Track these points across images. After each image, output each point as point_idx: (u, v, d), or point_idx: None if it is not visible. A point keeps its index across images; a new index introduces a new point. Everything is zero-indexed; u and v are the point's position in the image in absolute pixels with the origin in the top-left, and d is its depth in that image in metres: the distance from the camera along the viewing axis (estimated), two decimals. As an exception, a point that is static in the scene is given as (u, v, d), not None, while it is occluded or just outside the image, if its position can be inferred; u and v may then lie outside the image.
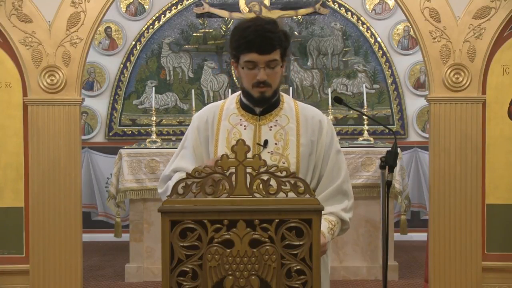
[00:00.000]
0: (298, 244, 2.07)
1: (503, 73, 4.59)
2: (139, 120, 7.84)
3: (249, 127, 2.65)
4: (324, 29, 7.78)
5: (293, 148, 2.61)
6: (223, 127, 2.66)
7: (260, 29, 2.50)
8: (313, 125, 2.67)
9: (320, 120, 2.69)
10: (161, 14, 7.80)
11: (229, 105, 2.72)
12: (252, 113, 2.66)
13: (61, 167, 4.59)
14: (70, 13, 4.58)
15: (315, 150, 2.65)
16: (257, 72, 2.52)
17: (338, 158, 2.69)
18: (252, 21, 2.57)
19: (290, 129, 2.64)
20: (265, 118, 2.66)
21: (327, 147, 2.67)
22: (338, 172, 2.68)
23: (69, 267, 4.60)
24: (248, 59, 2.52)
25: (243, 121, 2.66)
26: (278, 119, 2.66)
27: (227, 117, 2.68)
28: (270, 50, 2.51)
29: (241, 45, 2.53)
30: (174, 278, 2.07)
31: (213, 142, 2.65)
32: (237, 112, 2.68)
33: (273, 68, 2.54)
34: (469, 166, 4.55)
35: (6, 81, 4.61)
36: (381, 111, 7.75)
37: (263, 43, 2.49)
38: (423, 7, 4.55)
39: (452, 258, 4.56)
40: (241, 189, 2.10)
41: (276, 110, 2.67)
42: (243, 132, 2.63)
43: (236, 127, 2.65)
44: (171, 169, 2.69)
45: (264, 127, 2.64)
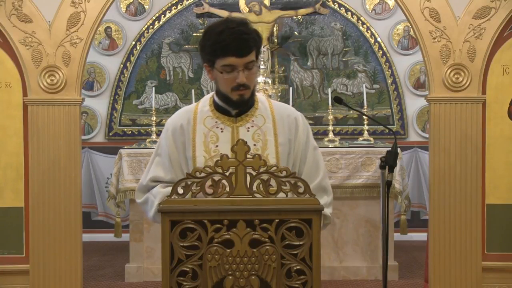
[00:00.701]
0: (298, 244, 2.07)
1: (503, 73, 4.59)
2: (139, 120, 7.84)
3: (226, 129, 2.62)
4: (324, 29, 7.78)
5: (272, 148, 2.60)
6: (199, 131, 2.62)
7: (235, 32, 2.47)
8: (289, 123, 2.66)
9: (295, 117, 2.68)
10: (161, 14, 7.80)
11: (202, 107, 2.68)
12: (228, 115, 2.63)
13: (61, 167, 4.59)
14: (70, 13, 4.58)
15: (293, 148, 2.64)
16: (236, 75, 2.50)
17: (315, 155, 2.69)
18: (224, 23, 2.53)
19: (267, 129, 2.62)
20: (241, 120, 2.63)
21: (304, 145, 2.66)
22: (317, 169, 2.66)
23: (69, 267, 4.60)
24: (227, 63, 2.49)
25: (219, 123, 2.63)
26: (254, 120, 2.63)
27: (202, 120, 2.64)
28: (248, 52, 2.49)
29: (217, 49, 2.49)
30: (174, 278, 2.07)
31: (190, 147, 2.61)
32: (212, 115, 2.64)
33: (250, 69, 2.52)
34: (469, 166, 4.55)
35: (6, 81, 4.61)
36: (381, 111, 7.75)
37: (240, 46, 2.47)
38: (423, 7, 4.55)
39: (452, 258, 4.56)
40: (241, 189, 2.10)
41: (252, 111, 2.65)
42: (220, 135, 2.60)
43: (212, 130, 2.62)
44: (149, 178, 2.65)
45: (242, 129, 2.62)
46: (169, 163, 2.63)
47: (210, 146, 2.59)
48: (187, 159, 2.61)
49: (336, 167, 5.95)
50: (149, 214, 2.65)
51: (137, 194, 2.71)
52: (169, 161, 2.63)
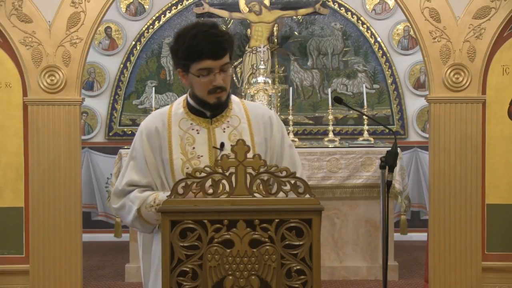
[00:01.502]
0: (298, 244, 2.07)
1: (503, 73, 4.59)
2: (139, 120, 7.83)
3: (202, 130, 2.61)
4: (324, 29, 7.78)
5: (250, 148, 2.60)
6: (174, 134, 2.61)
7: (209, 35, 2.47)
8: (264, 122, 2.66)
9: (269, 116, 2.69)
10: (161, 14, 7.80)
11: (176, 110, 2.66)
12: (203, 117, 2.63)
13: (61, 167, 4.59)
14: (70, 13, 4.58)
15: (269, 147, 2.65)
16: (213, 78, 2.50)
17: (291, 152, 2.70)
18: (195, 27, 2.52)
19: (243, 129, 2.62)
20: (217, 121, 2.62)
21: (280, 143, 2.67)
22: (294, 167, 2.65)
23: (69, 267, 4.60)
24: (203, 67, 2.48)
25: (195, 125, 2.62)
26: (229, 120, 2.63)
27: (177, 122, 2.63)
28: (223, 54, 2.49)
29: (191, 53, 2.48)
30: (174, 278, 2.07)
31: (166, 150, 2.59)
32: (187, 117, 2.63)
33: (226, 72, 2.53)
34: (469, 166, 4.55)
35: (6, 81, 4.61)
36: (381, 111, 7.75)
37: (215, 49, 2.47)
38: (423, 7, 4.55)
39: (452, 258, 4.56)
40: (241, 189, 2.10)
41: (226, 111, 2.65)
42: (196, 137, 2.59)
43: (188, 132, 2.60)
44: (124, 183, 2.62)
45: (218, 130, 2.61)
46: (145, 167, 2.60)
47: (187, 148, 2.57)
48: (163, 162, 2.59)
49: (336, 167, 5.95)
50: (127, 219, 2.61)
51: (113, 199, 2.67)
52: (145, 164, 2.61)
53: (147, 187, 2.59)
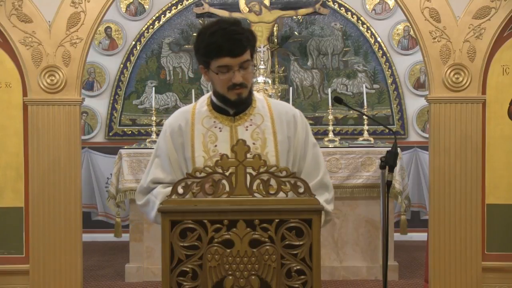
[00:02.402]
0: (298, 244, 2.07)
1: (503, 73, 4.59)
2: (139, 120, 7.84)
3: (225, 128, 2.62)
4: (324, 29, 7.78)
5: (271, 146, 2.60)
6: (197, 131, 2.62)
7: (228, 32, 2.47)
8: (288, 121, 2.65)
9: (293, 115, 2.68)
10: (161, 14, 7.80)
11: (200, 108, 2.68)
12: (226, 114, 2.63)
13: (61, 167, 4.59)
14: (70, 13, 4.58)
15: (292, 145, 2.64)
16: (232, 75, 2.50)
17: (315, 151, 2.68)
18: (216, 24, 2.53)
19: (266, 127, 2.62)
20: (240, 119, 2.63)
21: (304, 142, 2.66)
22: (317, 166, 2.65)
23: (69, 267, 4.60)
24: (222, 64, 2.49)
25: (218, 123, 2.63)
26: (252, 118, 2.64)
27: (200, 120, 2.64)
28: (242, 52, 2.49)
29: (211, 50, 2.49)
30: (174, 278, 2.07)
31: (189, 148, 2.61)
32: (210, 115, 2.64)
33: (246, 69, 2.52)
34: (469, 166, 4.55)
35: (6, 81, 4.61)
36: (381, 111, 7.75)
37: (234, 46, 2.47)
38: (423, 7, 4.55)
39: (452, 258, 4.56)
40: (241, 189, 2.10)
41: (250, 109, 2.65)
42: (218, 135, 2.60)
43: (211, 130, 2.62)
44: (149, 180, 2.64)
45: (240, 128, 2.62)
46: (169, 165, 2.63)
47: (209, 146, 2.59)
48: (186, 160, 2.61)
49: (336, 167, 5.95)
50: (151, 215, 2.64)
51: (138, 196, 2.70)
52: (169, 162, 2.63)
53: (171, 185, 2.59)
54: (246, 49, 2.50)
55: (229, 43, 2.46)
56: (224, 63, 2.49)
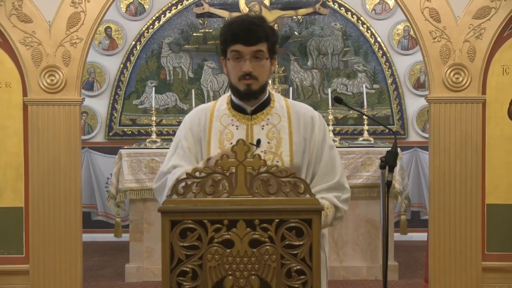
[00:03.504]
0: (298, 244, 2.07)
1: (503, 73, 4.59)
2: (139, 120, 7.84)
3: (241, 127, 2.64)
4: (324, 29, 7.78)
5: (286, 146, 2.61)
6: (215, 128, 2.65)
7: (245, 22, 2.54)
8: (305, 122, 2.66)
9: (311, 116, 2.68)
10: (161, 14, 7.80)
11: (220, 106, 2.71)
12: (244, 113, 2.66)
13: (61, 167, 4.59)
14: (70, 13, 4.58)
15: (308, 147, 2.64)
16: (243, 64, 2.54)
17: (331, 154, 2.68)
18: (239, 17, 2.62)
19: (282, 127, 2.64)
20: (256, 118, 2.65)
21: (320, 144, 2.66)
22: (333, 168, 2.66)
23: (69, 267, 4.60)
24: (234, 49, 2.54)
25: (235, 121, 2.65)
26: (269, 118, 2.65)
27: (219, 118, 2.67)
28: (255, 42, 2.52)
29: (227, 38, 2.55)
30: (174, 278, 2.07)
31: (205, 144, 2.64)
32: (229, 113, 2.68)
33: (259, 60, 2.55)
34: (469, 166, 4.55)
35: (6, 81, 4.61)
36: (381, 111, 7.75)
37: (248, 34, 2.51)
38: (423, 7, 4.55)
39: (452, 258, 4.56)
40: (241, 189, 2.10)
41: (267, 109, 2.67)
42: (235, 132, 2.62)
43: (228, 127, 2.64)
44: (171, 165, 2.67)
45: (256, 127, 2.64)
46: (189, 157, 2.65)
47: (225, 143, 2.61)
48: (203, 156, 2.64)
49: (336, 167, 5.94)
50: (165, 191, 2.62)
51: (156, 180, 2.71)
52: (189, 154, 2.66)
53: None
54: (261, 41, 2.54)
55: (244, 31, 2.52)
56: (236, 49, 2.53)
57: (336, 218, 2.64)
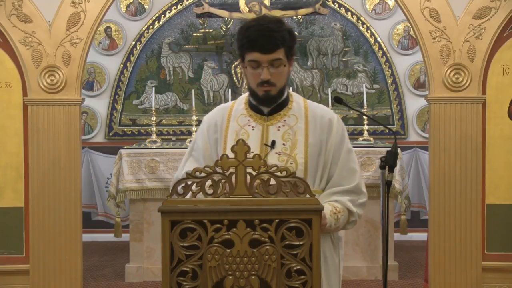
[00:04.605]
0: (298, 244, 2.07)
1: (503, 73, 4.59)
2: (139, 120, 7.84)
3: (257, 127, 2.63)
4: (324, 29, 7.78)
5: (301, 148, 2.59)
6: (231, 128, 2.65)
7: (262, 28, 2.49)
8: (322, 124, 2.64)
9: (329, 118, 2.66)
10: (161, 14, 7.80)
11: (238, 106, 2.71)
12: (260, 114, 2.65)
13: (61, 167, 4.59)
14: (70, 13, 4.58)
15: (324, 149, 2.62)
16: (261, 71, 2.51)
17: (349, 157, 2.66)
18: (256, 20, 2.57)
19: (298, 129, 2.62)
20: (273, 118, 2.64)
21: (337, 147, 2.63)
22: (351, 173, 2.63)
23: (69, 267, 4.60)
24: (251, 59, 2.52)
25: (251, 121, 2.65)
26: (286, 119, 2.64)
27: (236, 118, 2.67)
28: (273, 49, 2.49)
29: (244, 44, 2.53)
30: (174, 278, 2.07)
31: (221, 144, 2.64)
32: (246, 113, 2.67)
33: (277, 67, 2.52)
34: (469, 166, 4.55)
35: (6, 81, 4.61)
36: (381, 111, 7.75)
37: (265, 42, 2.48)
38: (423, 7, 4.55)
39: (452, 258, 4.56)
40: (241, 189, 2.10)
41: (285, 110, 2.66)
42: (251, 133, 2.62)
43: (244, 127, 2.64)
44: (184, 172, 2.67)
45: (272, 128, 2.62)
46: (203, 160, 2.66)
47: None
48: (218, 156, 2.63)
49: (336, 167, 5.94)
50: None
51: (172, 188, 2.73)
52: (203, 157, 2.67)
53: None
54: (279, 48, 2.51)
55: (261, 38, 2.48)
56: (254, 58, 2.51)
57: (349, 222, 2.62)
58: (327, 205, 2.53)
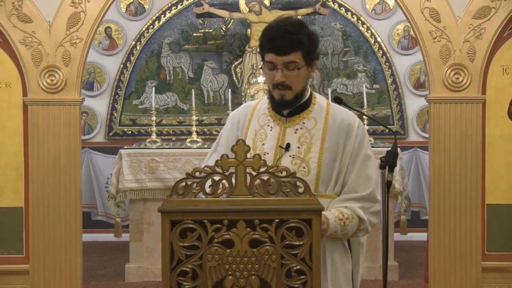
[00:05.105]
0: (298, 244, 2.07)
1: (503, 73, 4.59)
2: (139, 120, 7.84)
3: (275, 128, 2.61)
4: (324, 29, 7.78)
5: (316, 152, 2.55)
6: (252, 128, 2.64)
7: (281, 30, 2.47)
8: (341, 128, 2.59)
9: (350, 123, 2.61)
10: (161, 14, 7.80)
11: (261, 105, 2.69)
12: (281, 114, 2.62)
13: (61, 167, 4.59)
14: (70, 13, 4.58)
15: (341, 154, 2.57)
16: (275, 73, 2.49)
17: (367, 164, 2.60)
18: (278, 21, 2.55)
19: (316, 132, 2.58)
20: (291, 120, 2.61)
21: (355, 152, 2.58)
22: (367, 180, 2.58)
23: (69, 267, 4.60)
24: (268, 60, 2.50)
25: (271, 122, 2.62)
26: (305, 122, 2.60)
27: (257, 117, 2.66)
28: (288, 51, 2.46)
29: (263, 44, 2.52)
30: (174, 278, 2.07)
31: None
32: (267, 113, 2.65)
33: (291, 70, 2.49)
34: (469, 166, 4.55)
35: (6, 81, 4.61)
36: (381, 111, 7.75)
37: (280, 44, 2.46)
38: (423, 7, 4.55)
39: (452, 258, 4.56)
40: (241, 189, 2.10)
41: (305, 112, 2.62)
42: (268, 134, 2.60)
43: (263, 127, 2.62)
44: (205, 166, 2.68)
45: (289, 130, 2.59)
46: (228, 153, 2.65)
47: (257, 144, 2.59)
48: None
49: (336, 167, 5.94)
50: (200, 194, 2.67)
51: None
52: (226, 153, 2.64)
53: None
54: (294, 50, 2.47)
55: (277, 40, 2.46)
56: (269, 59, 2.50)
57: (360, 230, 2.54)
58: (334, 211, 2.48)
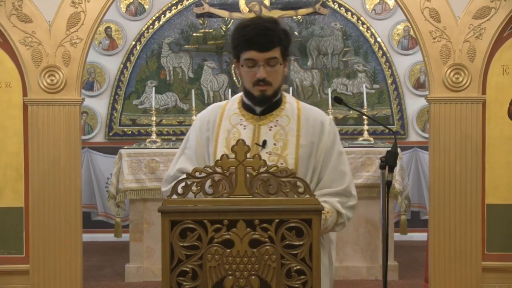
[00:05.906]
0: (298, 244, 2.07)
1: (503, 73, 4.59)
2: (139, 120, 7.84)
3: (249, 127, 2.63)
4: (324, 29, 7.78)
5: (292, 149, 2.59)
6: (223, 127, 2.65)
7: (259, 27, 2.51)
8: (314, 126, 2.64)
9: (322, 121, 2.66)
10: (161, 14, 7.80)
11: (231, 105, 2.71)
12: (253, 113, 2.65)
13: (61, 167, 4.59)
14: (70, 13, 4.58)
15: (316, 151, 2.62)
16: (257, 70, 2.52)
17: (339, 160, 2.65)
18: (252, 20, 2.59)
19: (290, 130, 2.62)
20: (265, 118, 2.64)
21: (328, 149, 2.63)
22: (342, 175, 2.63)
23: (69, 267, 4.60)
24: (248, 57, 2.52)
25: (243, 121, 2.65)
26: (278, 119, 2.64)
27: (228, 117, 2.67)
28: (269, 47, 2.50)
29: (240, 43, 2.53)
30: (174, 278, 2.07)
31: (213, 143, 2.64)
32: (238, 112, 2.67)
33: (273, 66, 2.53)
34: (469, 166, 4.55)
35: (6, 81, 4.61)
36: (381, 111, 7.75)
37: (262, 41, 2.49)
38: (423, 7, 4.55)
39: (452, 258, 4.56)
40: (241, 189, 2.10)
41: (277, 110, 2.66)
42: (242, 132, 2.62)
43: (236, 127, 2.64)
44: (177, 169, 2.68)
45: (264, 127, 2.63)
46: (195, 158, 2.66)
47: (231, 143, 2.58)
48: (209, 155, 2.64)
49: (336, 167, 5.94)
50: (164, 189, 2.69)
51: (164, 184, 2.73)
52: (195, 154, 2.67)
53: None
54: (275, 46, 2.52)
55: (258, 37, 2.49)
56: (250, 56, 2.51)
57: (338, 224, 2.59)
58: None
